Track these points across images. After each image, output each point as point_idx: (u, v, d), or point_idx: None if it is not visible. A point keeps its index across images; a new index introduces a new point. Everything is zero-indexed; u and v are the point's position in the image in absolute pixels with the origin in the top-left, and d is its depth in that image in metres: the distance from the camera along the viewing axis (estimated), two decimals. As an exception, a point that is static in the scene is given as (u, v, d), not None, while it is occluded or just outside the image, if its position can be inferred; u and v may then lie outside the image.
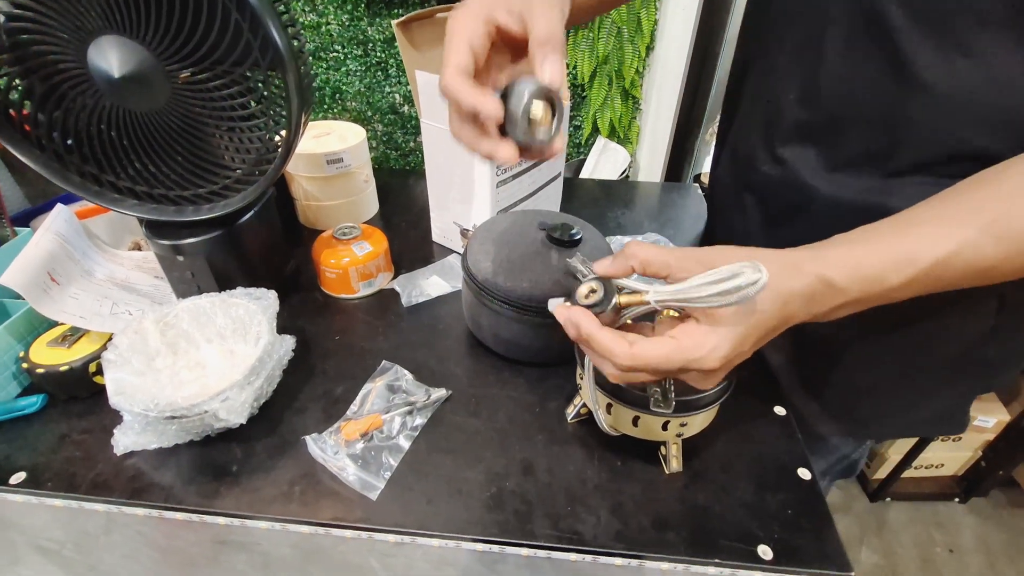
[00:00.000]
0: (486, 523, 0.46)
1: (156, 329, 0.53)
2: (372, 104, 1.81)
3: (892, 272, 0.36)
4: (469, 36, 0.37)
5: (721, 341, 0.35)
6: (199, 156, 0.55)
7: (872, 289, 0.36)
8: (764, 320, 0.36)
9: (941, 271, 0.36)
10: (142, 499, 0.48)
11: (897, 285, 0.36)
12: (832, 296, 0.36)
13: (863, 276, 0.36)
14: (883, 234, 0.38)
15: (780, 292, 0.35)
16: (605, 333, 0.37)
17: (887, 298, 0.37)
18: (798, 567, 0.44)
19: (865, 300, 0.37)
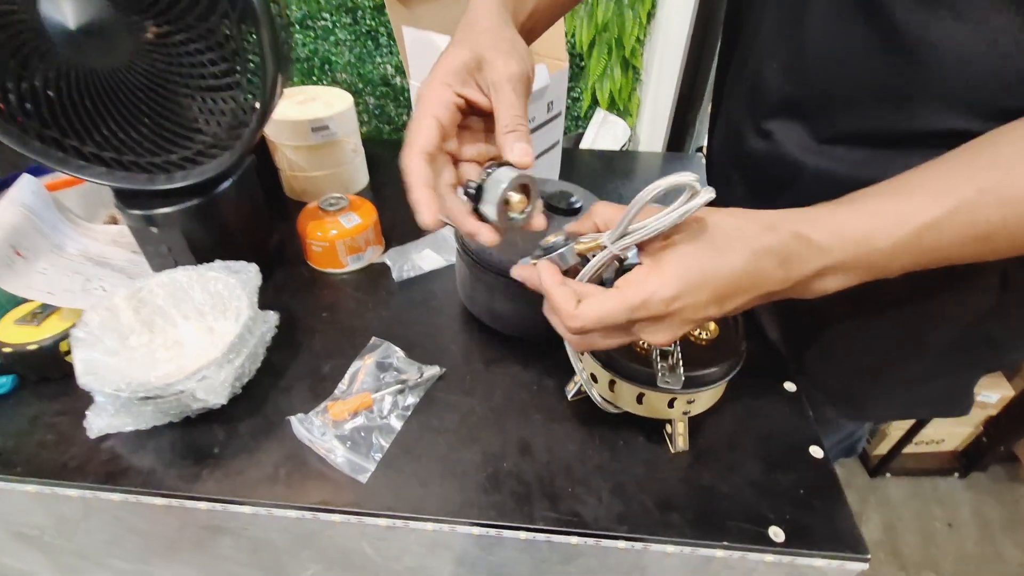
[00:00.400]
0: (482, 506, 0.44)
1: (129, 306, 0.50)
2: (363, 75, 1.75)
3: (880, 234, 0.33)
4: (436, 110, 0.37)
5: (665, 281, 0.32)
6: (169, 119, 0.51)
7: (857, 252, 0.33)
8: (725, 269, 0.32)
9: (935, 235, 0.32)
10: (118, 483, 0.45)
11: (885, 249, 0.33)
12: (811, 256, 0.33)
13: (847, 236, 0.33)
14: (870, 196, 0.34)
15: (749, 244, 0.32)
16: (559, 289, 0.36)
17: (877, 268, 0.34)
18: (811, 549, 0.41)
19: (851, 266, 0.34)
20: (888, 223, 0.33)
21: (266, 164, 0.78)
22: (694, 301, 0.32)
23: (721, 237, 0.33)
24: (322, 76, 1.82)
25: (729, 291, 0.33)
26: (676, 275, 0.32)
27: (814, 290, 0.35)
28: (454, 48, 0.39)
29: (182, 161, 0.54)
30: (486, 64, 0.38)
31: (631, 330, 0.35)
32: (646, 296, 0.32)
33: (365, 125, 1.91)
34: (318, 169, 0.77)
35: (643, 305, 0.32)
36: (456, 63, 0.38)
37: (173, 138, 0.52)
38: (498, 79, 0.37)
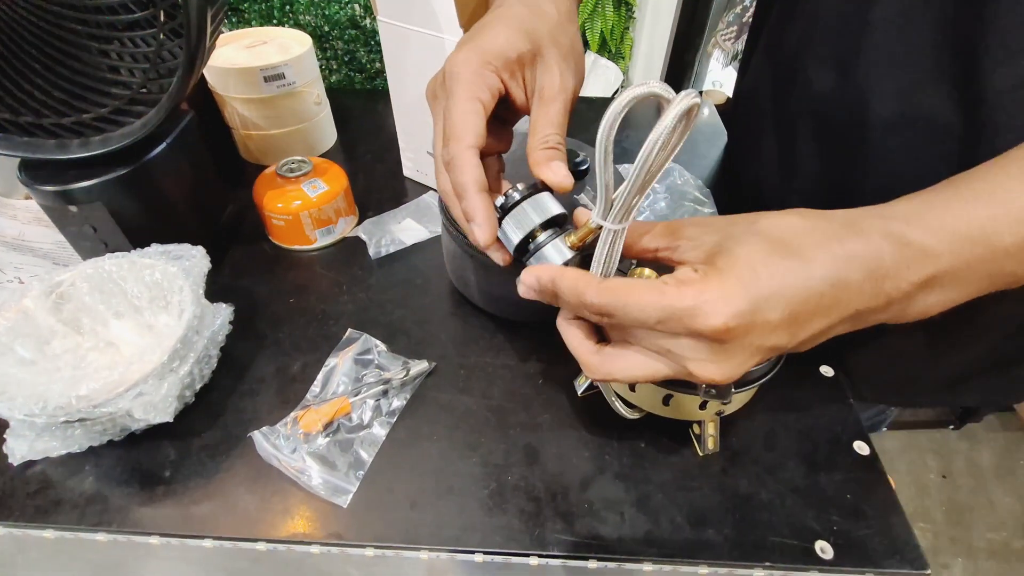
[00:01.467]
0: (485, 529, 0.37)
1: (45, 305, 0.41)
2: (328, 17, 1.57)
3: (1003, 227, 0.24)
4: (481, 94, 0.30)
5: (728, 292, 0.23)
6: (72, 69, 0.41)
7: (974, 253, 0.24)
8: (802, 279, 0.24)
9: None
10: (49, 520, 0.38)
11: (1011, 248, 0.24)
12: (914, 262, 0.24)
13: (958, 233, 0.24)
14: (982, 178, 0.26)
15: (830, 248, 0.24)
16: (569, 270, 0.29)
17: (1000, 276, 0.25)
18: (864, 566, 0.36)
19: (966, 274, 0.25)
20: (1010, 213, 0.24)
21: (214, 121, 0.67)
22: (763, 321, 0.24)
23: (792, 238, 0.24)
24: (283, 18, 1.64)
25: (807, 310, 0.24)
26: (741, 285, 0.23)
27: (914, 311, 0.27)
28: (509, 27, 0.31)
29: (97, 121, 0.43)
30: (542, 65, 0.31)
31: (670, 351, 0.26)
32: (695, 303, 0.23)
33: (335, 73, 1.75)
34: (276, 126, 0.66)
35: (690, 314, 0.23)
36: (509, 50, 0.31)
37: (82, 92, 0.42)
38: (550, 89, 0.31)
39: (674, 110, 0.23)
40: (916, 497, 1.30)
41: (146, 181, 0.47)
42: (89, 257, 0.46)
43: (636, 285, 0.26)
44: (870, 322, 0.26)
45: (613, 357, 0.28)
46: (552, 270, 0.29)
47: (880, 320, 0.27)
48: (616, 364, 0.28)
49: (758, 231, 0.25)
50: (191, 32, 0.37)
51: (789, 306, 0.24)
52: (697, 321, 0.23)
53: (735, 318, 0.23)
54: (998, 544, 1.22)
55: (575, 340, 0.30)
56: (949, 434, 1.43)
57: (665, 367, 0.27)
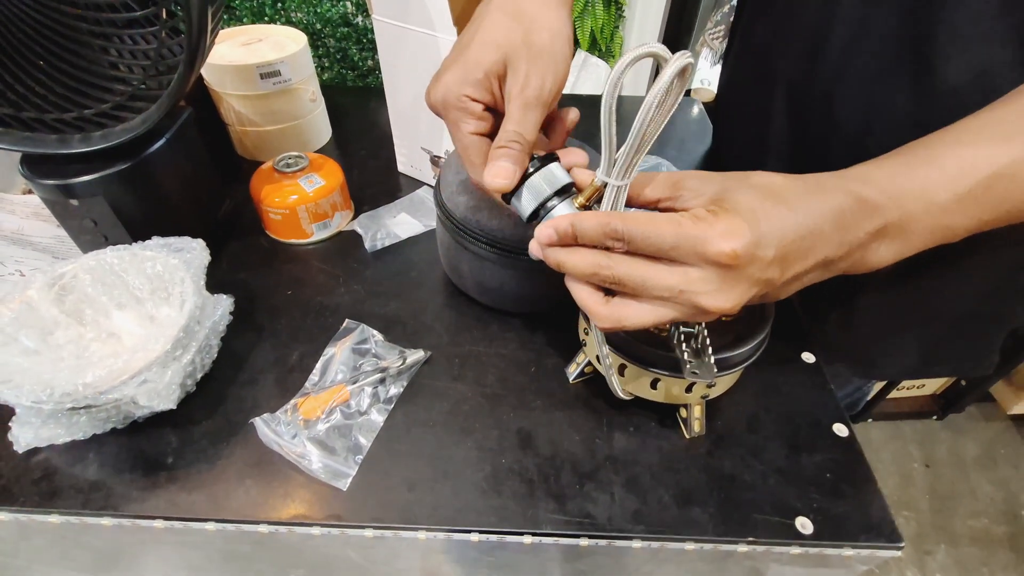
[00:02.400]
0: (480, 510, 0.39)
1: (48, 296, 0.42)
2: (320, 14, 1.58)
3: (940, 187, 0.28)
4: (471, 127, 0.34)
5: (734, 226, 0.26)
6: (75, 65, 0.42)
7: (915, 208, 0.28)
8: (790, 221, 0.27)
9: (1006, 185, 0.28)
10: (54, 505, 0.39)
11: (947, 204, 0.28)
12: (865, 216, 0.28)
13: (902, 190, 0.28)
14: (926, 145, 0.30)
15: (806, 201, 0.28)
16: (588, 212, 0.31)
17: (939, 229, 0.29)
18: (842, 540, 0.38)
19: (908, 227, 0.29)
20: (949, 174, 0.28)
21: (211, 117, 0.68)
22: (763, 255, 0.27)
23: (780, 191, 0.28)
24: (275, 15, 1.64)
25: (793, 251, 0.27)
26: (746, 220, 0.26)
27: (870, 260, 0.30)
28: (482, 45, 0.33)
29: (98, 117, 0.44)
30: (511, 71, 0.33)
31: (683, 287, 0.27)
32: (707, 233, 0.26)
33: (328, 71, 1.75)
34: (272, 123, 0.67)
35: (702, 242, 0.26)
36: (479, 70, 0.33)
37: (83, 88, 0.43)
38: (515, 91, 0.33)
39: (671, 68, 0.25)
40: (900, 486, 1.33)
41: (146, 176, 0.48)
42: (89, 250, 0.47)
43: (655, 216, 0.28)
44: (836, 270, 0.30)
45: (622, 305, 0.30)
46: (569, 216, 0.31)
47: (844, 268, 0.30)
48: (625, 311, 0.29)
49: (752, 184, 0.29)
50: (192, 30, 0.38)
51: (781, 244, 0.27)
52: (710, 247, 0.26)
53: (744, 247, 0.26)
54: (979, 531, 1.25)
55: (584, 293, 0.31)
56: (933, 424, 1.46)
57: (672, 310, 0.29)
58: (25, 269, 0.49)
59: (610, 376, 0.38)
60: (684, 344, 0.34)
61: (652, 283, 0.28)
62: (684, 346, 0.34)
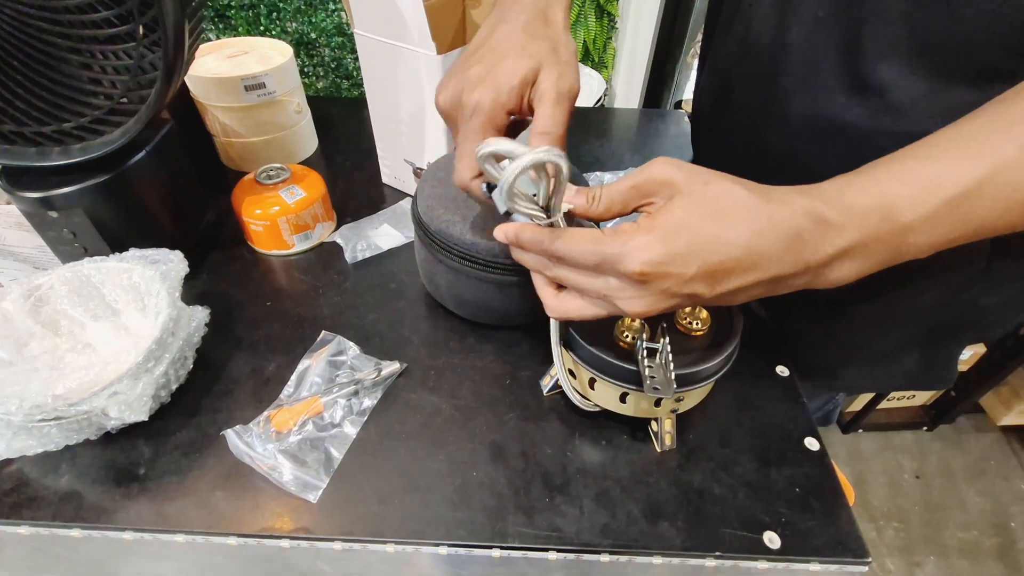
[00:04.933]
0: (449, 524, 0.39)
1: (24, 307, 0.42)
2: (315, 24, 1.59)
3: (904, 205, 0.28)
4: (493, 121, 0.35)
5: (648, 243, 0.28)
6: (53, 80, 0.42)
7: (879, 228, 0.28)
8: (721, 242, 0.28)
9: (971, 204, 0.28)
10: (24, 516, 0.39)
11: (912, 223, 0.28)
12: (825, 235, 0.28)
13: (866, 209, 0.28)
14: (891, 162, 0.30)
15: (753, 221, 0.28)
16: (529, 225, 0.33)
17: (902, 247, 0.29)
18: (809, 555, 0.38)
19: (871, 247, 0.29)
20: (913, 193, 0.28)
21: (196, 129, 0.68)
22: (678, 272, 0.28)
23: (728, 207, 0.28)
24: (270, 25, 1.65)
25: (723, 269, 0.28)
26: (661, 239, 0.28)
27: (830, 278, 0.30)
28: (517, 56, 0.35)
29: (77, 130, 0.45)
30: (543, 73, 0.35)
31: (606, 292, 0.31)
32: (620, 251, 0.28)
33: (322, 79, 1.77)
34: (257, 134, 0.68)
35: (616, 259, 0.28)
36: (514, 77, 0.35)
37: (62, 102, 0.43)
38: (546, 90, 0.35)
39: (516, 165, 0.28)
40: (890, 497, 1.33)
41: (125, 188, 0.48)
42: (68, 261, 0.47)
43: (581, 233, 0.30)
44: (793, 286, 0.31)
45: (567, 300, 0.34)
46: (517, 225, 0.33)
47: (802, 284, 0.31)
48: (568, 305, 0.33)
49: (703, 196, 0.29)
50: (168, 45, 0.39)
51: (706, 264, 0.28)
52: (621, 264, 0.28)
53: (649, 265, 0.28)
54: (969, 543, 1.25)
55: (540, 282, 0.35)
56: (923, 435, 1.46)
57: (603, 308, 0.32)
58: (5, 279, 0.50)
59: (568, 385, 0.39)
60: (647, 359, 0.35)
61: (583, 286, 0.32)
62: (647, 361, 0.34)
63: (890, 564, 1.22)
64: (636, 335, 0.38)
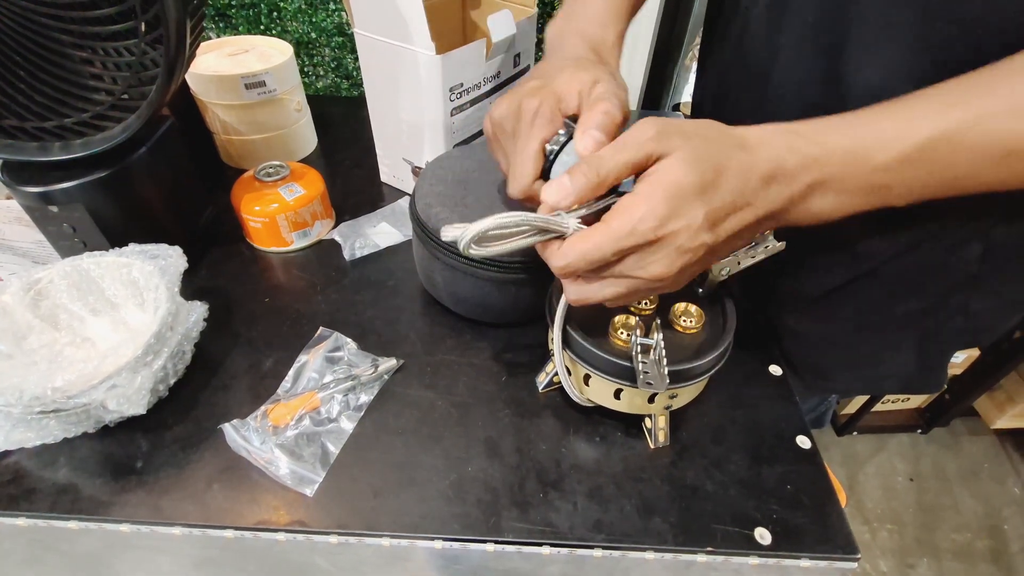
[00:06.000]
0: (444, 518, 0.39)
1: (23, 301, 0.43)
2: (315, 24, 1.60)
3: (878, 146, 0.29)
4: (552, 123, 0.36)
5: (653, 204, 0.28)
6: (55, 75, 0.43)
7: (851, 165, 0.30)
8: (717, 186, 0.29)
9: (944, 150, 0.29)
10: (21, 508, 0.39)
11: (886, 164, 0.29)
12: (805, 167, 0.30)
13: (839, 146, 0.30)
14: (871, 110, 0.31)
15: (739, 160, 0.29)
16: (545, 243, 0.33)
17: (878, 188, 0.31)
18: (799, 551, 0.39)
19: (846, 183, 0.30)
20: (888, 135, 0.29)
21: (196, 126, 0.69)
22: (687, 224, 0.28)
23: (715, 155, 0.29)
24: (271, 24, 1.65)
25: (723, 213, 0.29)
26: (665, 196, 0.28)
27: (811, 211, 0.32)
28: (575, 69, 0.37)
29: (79, 126, 0.45)
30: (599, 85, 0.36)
31: (625, 270, 0.30)
32: (633, 223, 0.28)
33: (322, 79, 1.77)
34: (257, 132, 0.68)
35: (631, 233, 0.28)
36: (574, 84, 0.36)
37: (64, 98, 0.44)
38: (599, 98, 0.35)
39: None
40: (884, 499, 1.33)
41: (125, 184, 0.49)
42: (68, 256, 0.47)
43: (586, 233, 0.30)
44: (785, 220, 0.32)
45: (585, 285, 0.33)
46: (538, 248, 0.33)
47: (790, 220, 0.32)
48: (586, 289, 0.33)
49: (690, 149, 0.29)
50: (170, 43, 0.39)
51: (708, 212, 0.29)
52: (635, 235, 0.28)
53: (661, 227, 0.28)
54: (962, 545, 1.26)
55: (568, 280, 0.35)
56: (917, 438, 1.47)
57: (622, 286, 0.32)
58: (4, 273, 0.50)
59: (567, 382, 0.39)
60: (641, 355, 0.35)
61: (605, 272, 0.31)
62: (641, 357, 0.35)
63: (883, 566, 1.22)
64: (631, 332, 0.39)
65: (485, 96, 0.62)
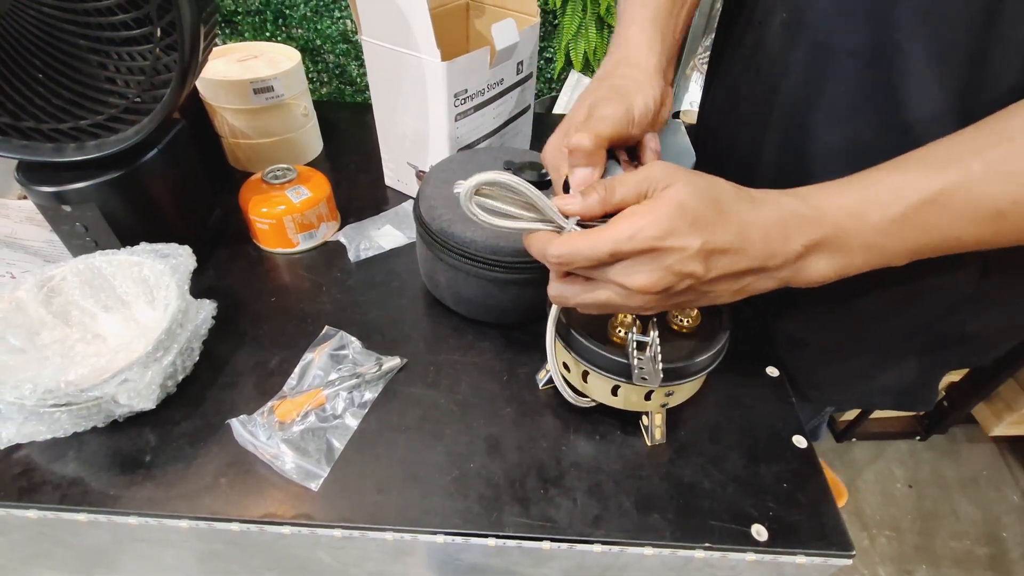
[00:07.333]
0: (446, 512, 0.40)
1: (37, 297, 0.44)
2: (320, 31, 1.62)
3: (873, 208, 0.30)
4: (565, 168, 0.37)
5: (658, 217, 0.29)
6: (72, 78, 0.44)
7: (847, 226, 0.31)
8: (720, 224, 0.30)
9: (937, 212, 0.30)
10: (32, 500, 0.40)
11: (880, 225, 0.30)
12: (799, 227, 0.31)
13: (836, 207, 0.31)
14: (867, 172, 0.32)
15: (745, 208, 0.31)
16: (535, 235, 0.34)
17: (875, 249, 0.31)
18: (795, 548, 0.39)
19: (843, 244, 0.31)
20: (882, 198, 0.30)
21: (205, 129, 0.70)
22: (682, 245, 0.29)
23: (722, 198, 0.31)
24: (276, 31, 1.68)
25: (719, 250, 0.30)
26: (668, 216, 0.29)
27: (807, 273, 0.32)
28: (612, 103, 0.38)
29: (93, 128, 0.46)
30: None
31: (612, 275, 0.31)
32: (636, 228, 0.29)
33: (326, 85, 1.79)
34: (264, 136, 0.69)
35: (631, 238, 0.29)
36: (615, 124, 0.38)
37: (80, 100, 0.45)
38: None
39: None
40: (883, 506, 1.33)
41: (137, 185, 0.50)
42: (79, 255, 0.48)
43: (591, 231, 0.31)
44: (777, 279, 0.32)
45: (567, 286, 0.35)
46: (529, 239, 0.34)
47: (784, 279, 0.32)
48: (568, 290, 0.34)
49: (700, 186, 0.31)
50: (184, 48, 0.41)
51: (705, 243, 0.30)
52: (632, 241, 0.29)
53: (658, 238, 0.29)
54: (961, 552, 1.26)
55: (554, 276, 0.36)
56: (916, 445, 1.47)
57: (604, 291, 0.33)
58: (16, 271, 0.51)
59: (560, 380, 0.40)
60: (637, 352, 0.36)
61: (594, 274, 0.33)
62: (637, 353, 0.36)
63: (882, 572, 1.22)
64: (628, 330, 0.40)
65: (488, 102, 0.63)
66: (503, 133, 0.69)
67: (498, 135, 0.68)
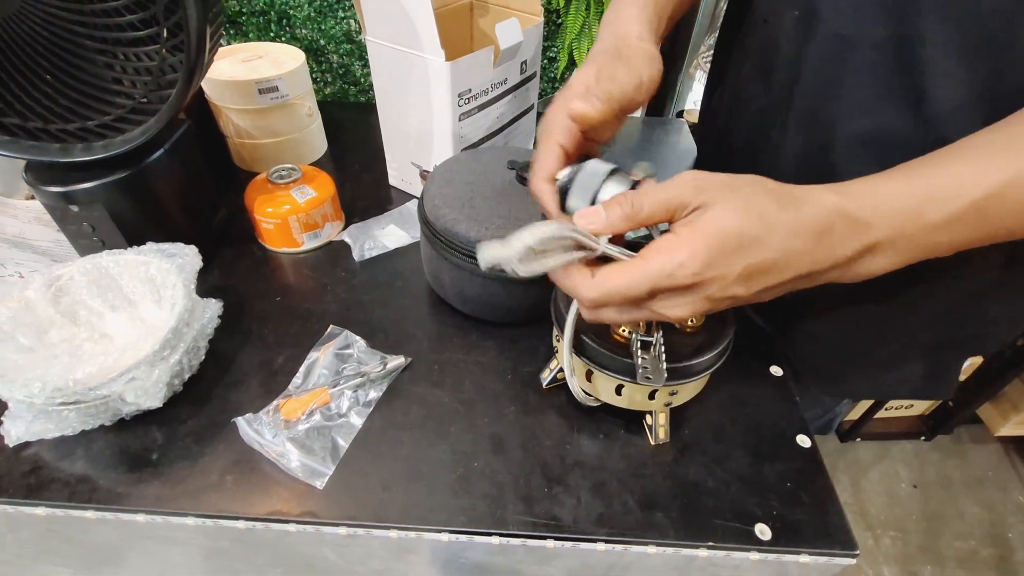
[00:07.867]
0: (451, 510, 0.40)
1: (45, 297, 0.44)
2: (324, 31, 1.62)
3: (931, 206, 0.29)
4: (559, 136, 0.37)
5: (696, 251, 0.28)
6: (79, 79, 0.44)
7: (906, 226, 0.30)
8: (762, 242, 0.29)
9: (995, 205, 0.29)
10: (41, 497, 0.40)
11: (939, 223, 0.29)
12: (854, 232, 0.29)
13: (893, 209, 0.29)
14: (920, 166, 0.31)
15: (787, 221, 0.29)
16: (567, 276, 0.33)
17: (930, 245, 0.31)
18: (799, 547, 0.39)
19: (900, 243, 0.30)
20: (943, 193, 0.29)
21: (210, 129, 0.70)
22: (723, 273, 0.29)
23: (762, 210, 0.29)
24: (280, 32, 1.68)
25: (761, 270, 0.29)
26: (706, 248, 0.28)
27: (860, 272, 0.32)
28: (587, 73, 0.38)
29: (100, 128, 0.47)
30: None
31: (648, 305, 0.31)
32: (673, 267, 0.29)
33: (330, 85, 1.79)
34: (269, 136, 0.70)
35: (669, 276, 0.29)
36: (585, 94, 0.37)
37: (87, 101, 0.45)
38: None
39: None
40: (888, 506, 1.33)
41: (143, 184, 0.50)
42: (86, 254, 0.49)
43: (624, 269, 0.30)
44: (825, 279, 0.31)
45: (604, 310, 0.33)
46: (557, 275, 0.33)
47: (833, 278, 0.32)
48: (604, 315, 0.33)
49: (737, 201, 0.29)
50: (191, 49, 0.41)
51: (747, 263, 0.29)
52: (671, 279, 0.29)
53: (698, 274, 0.28)
54: (966, 553, 1.25)
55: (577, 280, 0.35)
56: (921, 445, 1.46)
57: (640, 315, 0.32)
58: (25, 271, 0.51)
59: (572, 383, 0.40)
60: (641, 351, 0.36)
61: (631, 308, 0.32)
62: (641, 353, 0.36)
63: (887, 572, 1.22)
64: (632, 330, 0.40)
65: (492, 102, 0.63)
66: (507, 132, 0.70)
67: (502, 134, 0.68)
